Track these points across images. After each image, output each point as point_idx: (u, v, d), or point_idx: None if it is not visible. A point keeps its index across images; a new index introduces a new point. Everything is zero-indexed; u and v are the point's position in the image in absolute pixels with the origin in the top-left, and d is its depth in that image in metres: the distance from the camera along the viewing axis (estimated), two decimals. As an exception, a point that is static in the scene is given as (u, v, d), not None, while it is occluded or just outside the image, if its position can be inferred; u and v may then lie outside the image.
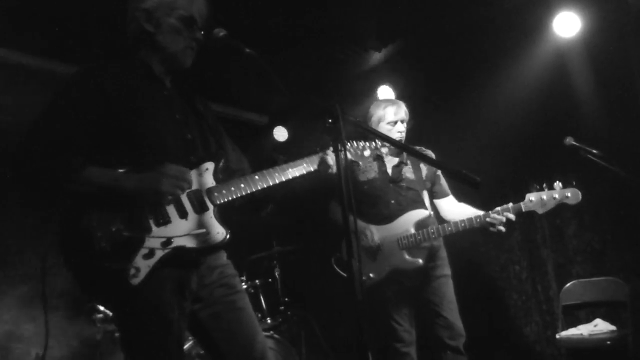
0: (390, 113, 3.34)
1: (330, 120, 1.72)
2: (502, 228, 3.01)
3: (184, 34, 2.01)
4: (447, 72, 4.85)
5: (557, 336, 3.98)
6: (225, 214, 1.99)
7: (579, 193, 3.00)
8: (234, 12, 3.72)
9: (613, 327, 3.84)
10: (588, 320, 4.07)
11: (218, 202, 1.96)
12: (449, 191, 3.46)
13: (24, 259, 3.99)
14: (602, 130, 4.00)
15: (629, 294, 3.93)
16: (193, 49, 2.06)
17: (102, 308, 3.65)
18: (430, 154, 3.38)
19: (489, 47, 4.45)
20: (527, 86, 4.36)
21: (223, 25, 1.90)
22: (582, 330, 3.90)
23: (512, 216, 2.99)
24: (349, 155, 2.48)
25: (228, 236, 1.94)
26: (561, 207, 4.39)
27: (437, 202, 3.47)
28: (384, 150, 3.35)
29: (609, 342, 3.70)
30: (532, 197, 3.02)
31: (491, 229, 3.04)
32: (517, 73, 4.40)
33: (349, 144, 2.51)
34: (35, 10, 3.56)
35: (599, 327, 3.87)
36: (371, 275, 3.21)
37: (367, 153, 2.50)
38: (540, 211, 3.02)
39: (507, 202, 3.06)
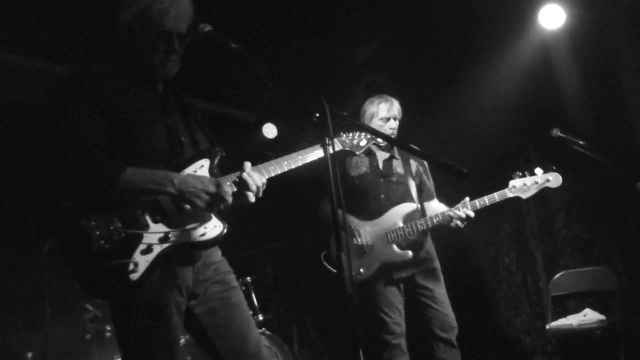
0: (383, 110, 3.37)
1: (317, 115, 1.71)
2: (459, 222, 3.07)
3: (160, 48, 1.95)
4: (433, 64, 4.86)
5: (547, 327, 4.02)
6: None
7: (560, 177, 3.05)
8: (222, 7, 3.70)
9: (602, 317, 3.87)
10: (577, 310, 4.09)
11: None
12: (434, 194, 3.49)
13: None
14: (587, 121, 4.03)
15: (617, 283, 3.97)
16: (173, 61, 2.01)
17: (91, 308, 3.63)
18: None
19: (475, 39, 4.46)
20: (513, 78, 4.39)
21: (210, 20, 1.88)
22: (572, 320, 3.93)
23: (470, 212, 3.05)
24: (344, 147, 2.49)
25: (225, 230, 1.94)
26: (549, 199, 4.48)
27: (424, 204, 3.49)
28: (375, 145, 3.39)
29: (598, 332, 3.74)
30: (514, 183, 3.08)
31: (451, 224, 3.10)
32: (503, 65, 4.42)
33: (344, 135, 2.52)
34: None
35: (588, 316, 3.91)
36: (361, 270, 3.23)
37: (363, 143, 2.49)
38: (523, 196, 3.08)
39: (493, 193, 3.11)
